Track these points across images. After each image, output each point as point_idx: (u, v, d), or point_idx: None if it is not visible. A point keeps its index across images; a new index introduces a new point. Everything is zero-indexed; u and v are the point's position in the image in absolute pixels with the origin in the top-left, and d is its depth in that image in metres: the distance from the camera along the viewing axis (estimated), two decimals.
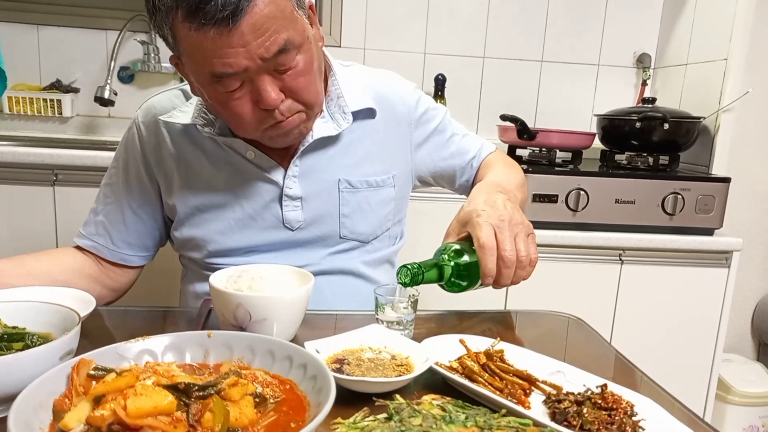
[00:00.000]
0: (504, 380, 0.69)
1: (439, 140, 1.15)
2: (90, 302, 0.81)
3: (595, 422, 0.60)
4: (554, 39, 2.33)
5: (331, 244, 1.06)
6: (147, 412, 0.48)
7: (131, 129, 1.06)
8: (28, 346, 0.64)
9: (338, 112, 1.02)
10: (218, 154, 1.01)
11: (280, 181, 1.01)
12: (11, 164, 1.64)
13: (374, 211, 1.07)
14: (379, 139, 1.07)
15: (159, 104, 1.05)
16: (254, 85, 0.85)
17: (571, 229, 1.80)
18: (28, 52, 2.15)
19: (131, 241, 1.06)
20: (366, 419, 0.57)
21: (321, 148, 1.02)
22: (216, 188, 1.02)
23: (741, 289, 2.26)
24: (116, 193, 1.06)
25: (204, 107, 1.00)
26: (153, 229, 1.08)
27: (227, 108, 0.88)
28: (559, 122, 2.34)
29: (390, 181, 1.09)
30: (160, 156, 1.03)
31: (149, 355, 0.63)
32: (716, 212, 1.83)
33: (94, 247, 1.05)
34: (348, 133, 1.04)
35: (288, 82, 0.86)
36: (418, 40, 2.28)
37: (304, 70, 0.87)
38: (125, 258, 1.07)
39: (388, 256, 1.14)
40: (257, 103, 0.86)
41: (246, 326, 0.75)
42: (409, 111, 1.11)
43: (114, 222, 1.05)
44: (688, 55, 2.15)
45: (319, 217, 1.04)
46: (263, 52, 0.81)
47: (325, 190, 1.03)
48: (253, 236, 1.03)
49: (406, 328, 0.84)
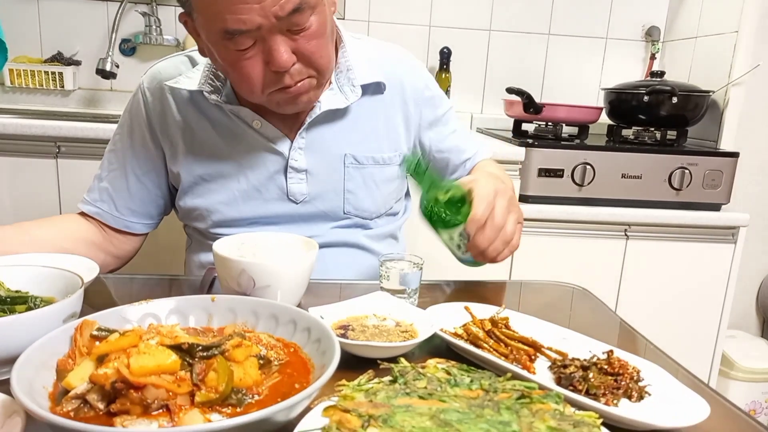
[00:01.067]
0: (509, 346, 0.69)
1: (443, 130, 1.13)
2: (93, 269, 0.81)
3: (601, 387, 0.60)
4: (561, 12, 2.29)
5: (334, 219, 1.05)
6: (150, 371, 0.48)
7: (136, 95, 1.04)
8: (31, 309, 0.64)
9: (347, 84, 1.00)
10: (224, 123, 1.00)
11: (286, 153, 1.00)
12: (13, 136, 1.63)
13: (379, 188, 1.06)
14: (387, 115, 1.05)
15: (165, 70, 1.03)
16: (266, 44, 0.83)
17: (576, 204, 1.78)
18: (29, 24, 2.13)
19: (135, 208, 1.05)
20: (371, 382, 0.57)
21: (328, 121, 1.01)
22: (221, 157, 1.00)
23: (747, 266, 2.25)
24: (120, 159, 1.05)
25: (211, 73, 0.98)
26: (157, 197, 1.07)
27: (237, 68, 0.86)
28: (566, 96, 2.31)
29: (396, 158, 1.07)
30: (165, 123, 1.02)
31: (153, 318, 0.63)
32: (724, 188, 1.82)
33: (98, 213, 1.04)
34: (356, 107, 1.02)
35: (300, 44, 0.85)
36: (423, 12, 2.24)
37: (317, 32, 0.85)
38: (129, 225, 1.06)
39: (391, 231, 1.13)
40: (268, 64, 0.85)
41: (250, 293, 0.75)
42: (419, 90, 1.09)
43: (118, 189, 1.04)
44: (697, 27, 2.11)
45: (323, 192, 1.03)
46: (278, 10, 0.79)
47: (331, 165, 1.02)
48: (257, 208, 1.02)
49: (411, 296, 0.83)
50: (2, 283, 0.68)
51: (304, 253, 0.85)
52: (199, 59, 1.02)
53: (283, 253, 0.86)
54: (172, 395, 0.48)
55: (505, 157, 1.74)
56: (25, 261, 0.79)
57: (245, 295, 0.75)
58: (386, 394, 0.54)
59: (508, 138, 1.93)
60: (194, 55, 1.03)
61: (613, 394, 0.60)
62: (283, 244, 0.87)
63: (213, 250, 0.78)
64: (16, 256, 0.81)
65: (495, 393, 0.56)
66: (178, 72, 1.02)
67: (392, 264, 0.83)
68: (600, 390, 0.60)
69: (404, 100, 1.07)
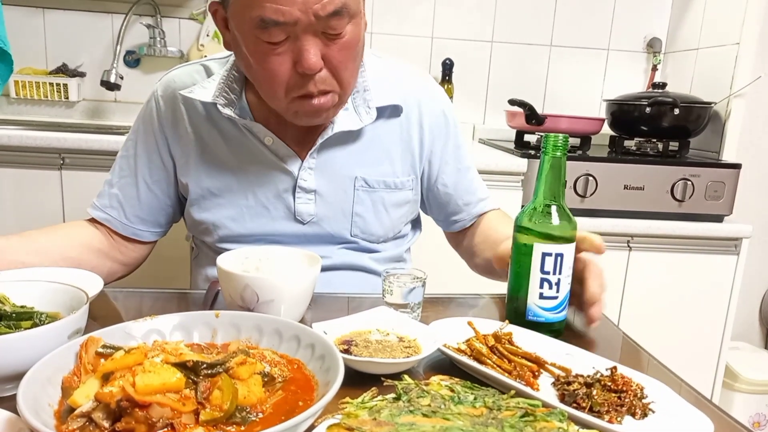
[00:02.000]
0: (512, 362, 0.69)
1: (454, 164, 1.09)
2: (98, 283, 0.81)
3: (605, 404, 0.60)
4: (563, 23, 2.31)
5: (341, 242, 1.04)
6: (156, 389, 0.48)
7: (150, 102, 1.03)
8: (37, 325, 0.64)
9: (363, 105, 0.99)
10: (235, 137, 0.99)
11: (296, 172, 0.98)
12: (18, 148, 1.64)
13: (388, 212, 1.05)
14: (402, 139, 1.04)
15: (179, 78, 1.02)
16: (298, 43, 0.81)
17: (579, 215, 1.75)
18: (35, 36, 2.15)
19: (144, 216, 1.04)
20: (374, 399, 0.57)
21: (341, 142, 0.99)
22: (230, 172, 1.00)
23: (750, 277, 2.25)
24: (131, 166, 1.04)
25: (226, 86, 0.97)
26: (166, 206, 1.06)
27: (263, 63, 0.84)
28: (568, 107, 2.32)
29: (409, 183, 1.06)
30: (177, 132, 1.01)
31: (157, 334, 0.63)
32: (726, 199, 1.82)
33: (107, 220, 1.03)
34: (370, 129, 1.00)
35: (332, 51, 0.83)
36: (426, 24, 2.26)
37: (350, 42, 0.84)
38: (137, 233, 1.05)
39: (398, 255, 1.11)
40: (296, 65, 0.83)
41: (253, 307, 0.75)
42: (436, 117, 1.06)
43: (128, 196, 1.03)
44: (699, 39, 2.12)
45: (331, 214, 1.01)
46: (319, 9, 0.78)
47: (340, 187, 1.01)
48: (264, 225, 1.01)
49: (414, 311, 0.83)
50: (8, 298, 0.68)
51: (307, 267, 0.85)
52: (215, 69, 1.01)
53: (287, 268, 0.86)
54: (176, 414, 0.48)
55: (508, 168, 1.75)
56: (30, 276, 0.79)
57: (249, 309, 0.75)
58: (390, 412, 0.54)
59: (510, 149, 1.94)
60: (210, 64, 1.03)
61: (616, 412, 0.60)
62: (287, 258, 0.87)
63: (217, 264, 0.78)
64: (22, 270, 0.82)
65: (499, 411, 0.56)
66: (193, 81, 1.01)
67: (395, 278, 0.84)
68: (604, 407, 0.60)
69: (421, 125, 1.05)
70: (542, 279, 0.79)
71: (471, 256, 1.14)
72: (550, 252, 0.78)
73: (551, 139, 0.78)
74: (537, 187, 0.81)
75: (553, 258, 0.78)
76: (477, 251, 1.10)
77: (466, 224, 1.15)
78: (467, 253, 1.16)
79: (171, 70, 1.05)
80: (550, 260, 0.78)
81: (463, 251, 1.18)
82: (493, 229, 1.08)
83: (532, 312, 0.80)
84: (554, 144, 0.78)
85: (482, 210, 1.14)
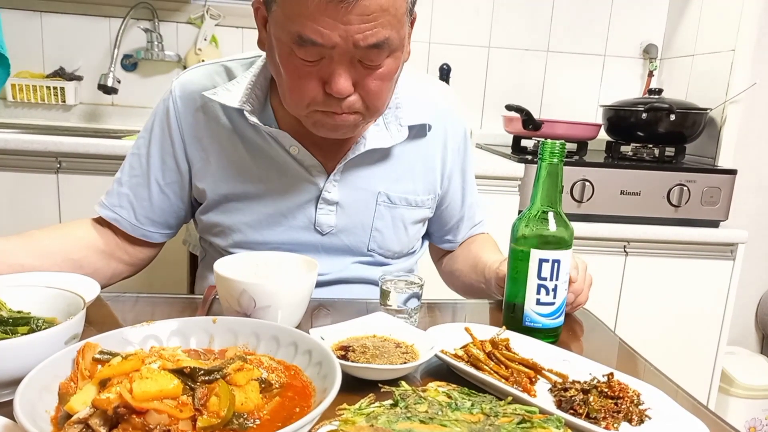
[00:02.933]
0: (509, 368, 0.69)
1: (464, 184, 1.11)
2: (94, 288, 0.81)
3: (602, 410, 0.60)
4: (560, 29, 2.32)
5: (357, 255, 1.03)
6: (153, 396, 0.48)
7: (166, 101, 0.99)
8: (33, 331, 0.64)
9: (394, 122, 0.98)
10: (257, 144, 0.97)
11: (321, 184, 0.97)
12: (15, 152, 1.64)
13: (407, 229, 1.05)
14: (426, 158, 1.04)
15: (198, 80, 0.98)
16: (332, 65, 0.80)
17: (575, 220, 1.78)
18: (32, 39, 2.15)
19: (155, 218, 1.01)
20: (371, 405, 0.57)
21: (369, 158, 0.98)
22: (250, 179, 0.97)
23: (746, 282, 2.25)
24: (144, 166, 1.00)
25: (254, 93, 0.95)
26: (179, 209, 1.03)
27: (293, 76, 0.83)
28: (565, 113, 2.33)
29: (428, 202, 1.06)
30: (195, 136, 0.98)
31: (154, 340, 0.63)
32: (722, 204, 1.83)
33: (115, 219, 1.00)
34: (398, 146, 1.00)
35: (365, 80, 0.82)
36: (423, 29, 2.26)
37: (387, 75, 0.83)
38: (147, 234, 1.02)
39: (408, 267, 1.12)
40: (325, 84, 0.81)
41: (250, 313, 0.75)
42: (459, 138, 1.07)
43: (139, 197, 1.00)
44: (695, 45, 2.13)
45: (351, 226, 1.01)
46: (360, 39, 0.77)
47: (363, 201, 1.00)
48: (281, 234, 0.99)
49: (411, 316, 0.84)
50: (4, 303, 0.68)
51: (304, 273, 0.85)
52: (237, 71, 0.99)
53: (284, 274, 0.86)
54: (174, 420, 0.48)
55: (504, 173, 1.75)
56: (27, 281, 0.79)
57: (245, 315, 0.75)
58: (387, 418, 0.54)
59: (507, 154, 1.95)
60: (231, 65, 1.00)
61: (613, 418, 0.60)
62: (284, 264, 0.87)
63: (214, 269, 0.78)
64: (18, 275, 0.81)
65: (496, 417, 0.56)
66: (213, 83, 0.97)
67: (393, 284, 0.84)
68: (600, 414, 0.60)
69: (445, 145, 1.05)
70: (539, 285, 0.79)
71: (452, 277, 1.16)
72: (547, 258, 0.78)
73: (548, 146, 0.79)
74: (534, 193, 0.81)
75: (550, 264, 0.79)
76: (461, 275, 1.11)
77: (455, 247, 1.17)
78: (448, 274, 1.18)
79: (188, 70, 1.01)
80: (547, 266, 0.79)
81: (444, 271, 1.20)
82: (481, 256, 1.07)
83: (529, 318, 0.81)
84: (551, 150, 0.79)
85: (474, 233, 1.16)
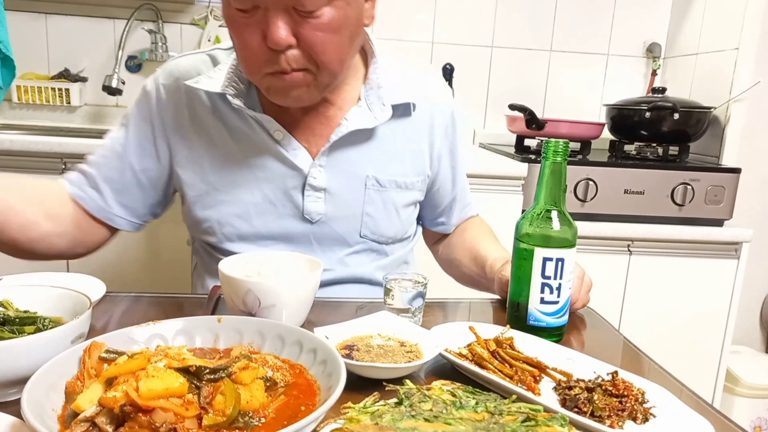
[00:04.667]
0: (514, 367, 0.69)
1: (455, 167, 1.09)
2: (101, 288, 0.82)
3: (606, 409, 0.60)
4: (563, 28, 2.31)
5: (350, 244, 1.02)
6: (159, 394, 0.48)
7: (149, 88, 0.98)
8: (40, 330, 0.65)
9: (377, 102, 0.96)
10: (242, 130, 0.95)
11: (306, 169, 0.96)
12: (20, 153, 1.64)
13: (399, 213, 1.03)
14: (413, 138, 1.02)
15: (183, 67, 0.98)
16: (267, 15, 0.79)
17: (579, 219, 1.76)
18: (37, 41, 2.16)
19: (124, 201, 0.99)
20: (376, 404, 0.57)
21: (353, 140, 0.97)
22: (236, 166, 0.96)
23: (750, 281, 2.25)
24: (117, 150, 0.98)
25: (236, 75, 0.94)
26: (151, 197, 1.01)
27: (236, 31, 0.83)
28: (568, 112, 2.33)
29: (418, 184, 1.04)
30: (179, 123, 0.96)
31: (160, 339, 0.63)
32: (726, 203, 1.82)
33: (82, 198, 0.97)
34: (383, 127, 0.98)
35: (305, 31, 0.80)
36: (426, 29, 2.27)
37: (328, 25, 0.81)
38: (111, 218, 0.99)
39: (404, 256, 1.10)
40: (265, 39, 0.80)
41: (255, 312, 0.76)
42: (447, 117, 1.05)
43: (109, 179, 0.97)
44: (698, 44, 2.13)
45: (341, 213, 0.99)
46: None
47: (351, 186, 0.99)
48: (270, 224, 0.98)
49: (415, 316, 0.84)
50: (11, 303, 0.69)
51: (309, 272, 0.85)
52: (222, 58, 0.98)
53: (289, 273, 0.87)
54: (180, 418, 0.48)
55: (508, 173, 1.75)
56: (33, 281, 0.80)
57: (250, 314, 0.76)
58: (392, 417, 0.55)
59: (510, 154, 1.95)
60: (216, 53, 0.99)
61: (618, 416, 0.60)
62: (288, 263, 0.88)
63: (219, 269, 0.79)
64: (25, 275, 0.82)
65: (500, 415, 0.56)
66: (197, 71, 0.97)
67: (397, 283, 0.84)
68: (605, 412, 0.60)
69: (431, 126, 1.04)
70: (543, 284, 0.79)
71: (450, 265, 1.15)
72: (551, 257, 0.78)
73: (551, 145, 0.79)
74: (537, 193, 0.82)
75: (554, 263, 0.79)
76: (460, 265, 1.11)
77: (449, 229, 1.16)
78: (447, 262, 1.17)
79: (174, 58, 1.01)
80: (551, 265, 0.79)
81: (441, 258, 1.19)
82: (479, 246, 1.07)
83: (533, 316, 0.81)
84: (555, 149, 0.79)
85: (467, 215, 1.15)
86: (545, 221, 0.80)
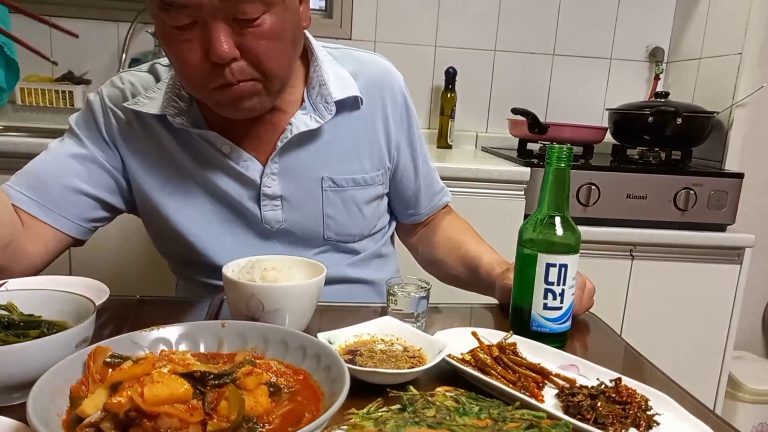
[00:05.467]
0: (517, 373, 0.69)
1: (415, 154, 1.07)
2: (104, 291, 0.82)
3: (610, 416, 0.60)
4: (566, 32, 2.32)
5: (315, 245, 1.01)
6: (164, 400, 0.48)
7: (93, 105, 0.96)
8: (44, 334, 0.65)
9: (321, 102, 0.95)
10: (192, 145, 0.94)
11: (257, 179, 0.94)
12: (24, 155, 1.62)
13: (361, 210, 1.02)
14: (367, 132, 1.00)
15: (126, 82, 0.96)
16: (207, 30, 0.76)
17: (581, 224, 1.76)
18: (40, 43, 2.16)
19: (61, 202, 0.93)
20: (380, 410, 0.57)
21: (303, 143, 0.95)
22: (192, 181, 0.95)
23: (752, 286, 2.25)
24: (61, 156, 0.94)
25: (174, 94, 0.91)
26: (96, 203, 0.96)
27: (174, 51, 0.80)
28: (571, 116, 2.33)
29: (379, 178, 1.02)
30: (131, 138, 0.94)
31: (164, 343, 0.63)
32: (729, 208, 1.82)
33: (21, 200, 0.91)
34: (332, 125, 0.96)
35: (248, 41, 0.78)
36: (429, 32, 2.27)
37: (270, 33, 0.79)
38: (56, 218, 0.92)
39: (377, 251, 1.08)
40: (207, 54, 0.78)
41: (258, 316, 0.76)
42: (399, 105, 1.03)
43: (51, 176, 0.92)
44: (701, 49, 2.13)
45: (301, 218, 0.98)
46: None
47: (307, 190, 0.97)
48: (236, 236, 0.97)
49: (418, 321, 0.84)
50: (15, 307, 0.69)
51: (312, 276, 0.85)
52: (162, 74, 0.96)
53: (292, 277, 0.87)
54: (184, 424, 0.48)
55: (510, 177, 1.75)
56: (37, 284, 0.80)
57: (254, 318, 0.76)
58: (395, 423, 0.54)
59: (513, 158, 1.94)
60: (158, 68, 0.97)
61: (621, 423, 0.60)
62: (292, 267, 0.88)
63: (222, 273, 0.79)
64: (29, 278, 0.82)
65: (504, 422, 0.56)
66: (143, 85, 0.95)
67: (400, 288, 0.84)
68: (608, 419, 0.60)
69: (385, 115, 1.01)
70: (546, 289, 0.79)
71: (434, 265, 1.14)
72: (554, 263, 0.78)
73: (555, 151, 0.79)
74: (541, 198, 0.82)
75: (557, 269, 0.79)
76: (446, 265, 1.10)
77: (421, 219, 1.14)
78: (429, 262, 1.15)
79: (119, 73, 0.99)
80: (554, 271, 0.79)
81: (423, 258, 1.17)
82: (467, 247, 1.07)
83: (537, 322, 0.81)
84: (558, 155, 0.79)
85: (438, 204, 1.14)
86: (549, 227, 0.80)
